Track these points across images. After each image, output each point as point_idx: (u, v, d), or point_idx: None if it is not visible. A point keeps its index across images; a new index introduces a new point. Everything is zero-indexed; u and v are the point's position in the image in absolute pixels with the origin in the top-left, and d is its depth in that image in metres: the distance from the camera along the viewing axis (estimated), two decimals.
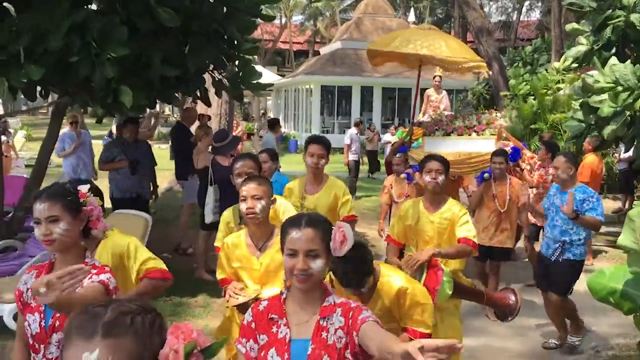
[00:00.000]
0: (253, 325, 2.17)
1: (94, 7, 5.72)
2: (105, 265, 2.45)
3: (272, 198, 3.17)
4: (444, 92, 9.93)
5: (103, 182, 12.36)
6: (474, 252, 4.00)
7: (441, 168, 3.99)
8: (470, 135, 7.03)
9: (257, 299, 2.89)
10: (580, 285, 7.02)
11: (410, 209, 4.18)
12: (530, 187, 7.08)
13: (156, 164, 7.75)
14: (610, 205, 11.57)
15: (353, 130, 14.23)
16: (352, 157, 13.66)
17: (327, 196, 4.32)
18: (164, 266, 3.08)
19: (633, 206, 10.72)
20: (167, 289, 6.25)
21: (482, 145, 6.87)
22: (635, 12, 8.45)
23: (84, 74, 5.05)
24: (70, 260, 2.35)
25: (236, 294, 3.13)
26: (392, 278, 3.00)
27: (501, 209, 5.99)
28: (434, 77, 9.75)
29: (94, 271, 2.33)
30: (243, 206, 3.08)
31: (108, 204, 5.83)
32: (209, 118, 9.55)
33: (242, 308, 3.03)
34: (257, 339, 2.14)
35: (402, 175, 6.56)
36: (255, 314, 2.18)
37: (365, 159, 15.91)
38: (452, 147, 6.96)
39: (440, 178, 3.98)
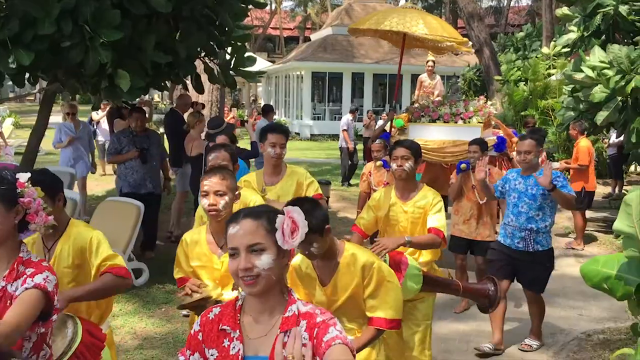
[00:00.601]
0: (200, 336, 1.83)
1: None
2: (42, 260, 2.30)
3: (237, 193, 2.99)
4: (438, 77, 9.72)
5: (108, 179, 12.30)
6: (443, 244, 3.82)
7: (407, 154, 3.79)
8: (456, 122, 6.80)
9: (217, 302, 2.66)
10: (570, 269, 7.12)
11: (382, 198, 3.99)
12: None
13: (167, 155, 7.62)
14: (600, 190, 11.64)
15: (349, 117, 14.14)
16: (346, 144, 13.57)
17: (290, 185, 4.13)
18: (125, 265, 2.93)
19: (625, 191, 10.83)
20: (159, 277, 6.28)
21: (468, 133, 6.56)
22: (623, 4, 8.47)
23: (76, 59, 5.00)
24: (3, 256, 2.22)
25: (193, 291, 2.86)
26: (357, 253, 2.79)
27: (481, 200, 5.70)
28: (427, 62, 9.57)
29: (29, 271, 2.18)
30: (204, 202, 2.88)
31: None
32: (203, 106, 9.51)
33: (199, 309, 2.77)
34: (204, 353, 1.81)
35: (379, 163, 6.33)
36: (204, 323, 1.85)
37: (360, 146, 15.88)
38: (437, 135, 6.77)
39: (407, 165, 3.78)
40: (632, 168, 12.94)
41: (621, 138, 10.15)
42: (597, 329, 5.42)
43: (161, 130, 19.52)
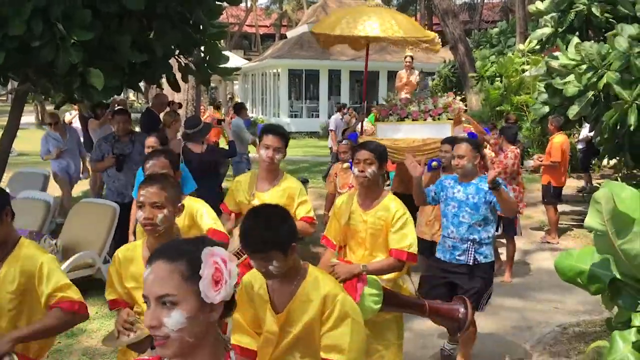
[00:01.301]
0: None
1: None
2: None
3: (179, 205, 2.63)
4: (416, 72, 9.57)
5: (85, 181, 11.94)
6: (409, 264, 3.49)
7: (371, 158, 3.43)
8: (425, 120, 6.56)
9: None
10: (546, 263, 7.22)
11: (344, 205, 3.67)
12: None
13: None
14: (574, 184, 11.83)
15: (337, 115, 13.98)
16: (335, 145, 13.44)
17: (281, 195, 3.78)
18: (80, 297, 2.62)
19: (597, 184, 10.98)
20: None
21: (437, 130, 6.37)
22: (594, 3, 8.60)
23: (46, 59, 4.92)
24: None
25: (126, 329, 2.54)
26: (321, 279, 2.36)
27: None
28: (405, 58, 9.42)
29: None
30: (139, 215, 2.53)
31: None
32: (180, 105, 9.39)
33: (136, 347, 2.53)
34: None
35: (346, 165, 5.95)
36: None
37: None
38: (406, 133, 6.53)
39: (370, 170, 3.42)
40: (604, 162, 13.13)
41: (591, 133, 10.33)
42: (572, 322, 5.50)
43: (137, 129, 19.32)
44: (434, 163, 5.52)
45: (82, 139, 9.03)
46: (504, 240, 6.95)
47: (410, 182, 7.06)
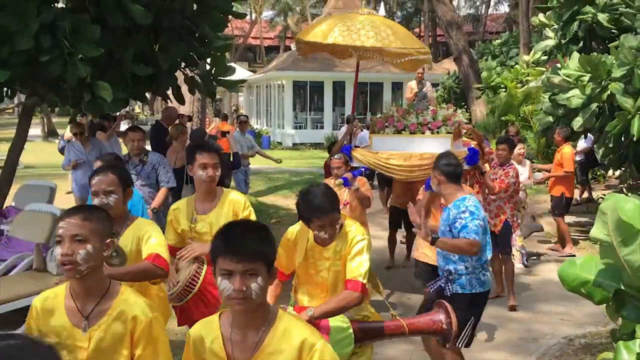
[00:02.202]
0: None
1: (61, 4, 5.64)
2: None
3: (108, 241, 2.21)
4: (428, 84, 9.27)
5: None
6: (365, 298, 3.12)
7: (336, 218, 3.09)
8: (424, 133, 6.16)
9: None
10: (552, 274, 7.18)
11: (298, 237, 3.22)
12: (492, 195, 6.26)
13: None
14: (575, 195, 11.80)
15: (344, 128, 13.95)
16: None
17: (226, 213, 3.50)
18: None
19: (602, 196, 10.94)
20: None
21: (436, 145, 5.93)
22: (603, 12, 8.63)
23: (54, 73, 4.98)
24: None
25: None
26: (294, 326, 1.96)
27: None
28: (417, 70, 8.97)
29: None
30: (57, 251, 2.13)
31: None
32: (190, 118, 9.39)
33: None
34: None
35: (339, 181, 5.58)
36: None
37: None
38: (403, 147, 6.10)
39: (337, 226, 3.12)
40: (609, 172, 13.12)
41: (589, 144, 10.34)
42: (578, 334, 5.48)
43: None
44: None
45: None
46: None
47: (406, 197, 6.76)
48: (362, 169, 6.08)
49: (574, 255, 7.99)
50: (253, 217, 3.52)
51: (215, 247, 1.90)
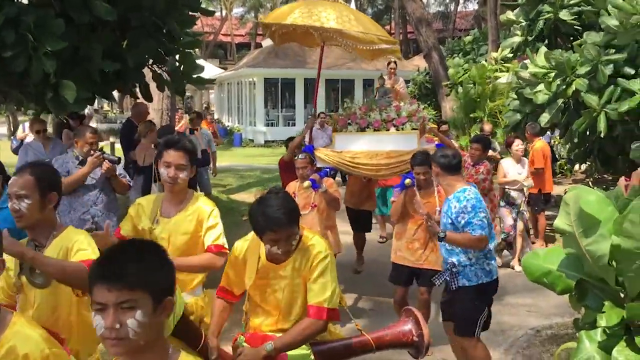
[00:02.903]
0: None
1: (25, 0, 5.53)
2: None
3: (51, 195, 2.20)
4: (401, 80, 8.78)
5: None
6: (330, 322, 2.85)
7: (291, 233, 2.73)
8: (388, 130, 5.91)
9: None
10: (519, 267, 7.32)
11: (248, 253, 2.89)
12: None
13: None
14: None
15: (316, 126, 13.82)
16: None
17: (189, 221, 3.18)
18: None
19: (567, 190, 11.08)
20: None
21: (403, 142, 5.76)
22: (563, 9, 8.80)
23: (19, 69, 4.89)
24: None
25: None
26: None
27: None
28: (389, 64, 8.67)
29: None
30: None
31: None
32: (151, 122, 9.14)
33: None
34: None
35: (307, 183, 5.33)
36: None
37: None
38: (368, 145, 5.85)
39: (294, 242, 2.76)
40: (576, 167, 13.39)
41: (546, 140, 10.52)
42: (545, 325, 5.59)
43: (111, 139, 19.14)
44: (408, 180, 5.04)
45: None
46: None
47: (361, 196, 6.86)
48: (327, 169, 5.84)
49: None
50: (218, 231, 3.15)
51: (90, 274, 1.57)
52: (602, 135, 7.25)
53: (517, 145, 7.51)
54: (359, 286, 6.56)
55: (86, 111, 10.57)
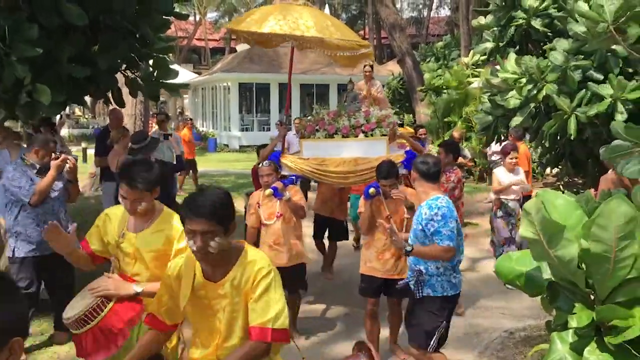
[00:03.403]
0: None
1: None
2: None
3: None
4: (378, 83, 8.32)
5: None
6: (275, 346, 2.49)
7: (211, 228, 2.33)
8: (357, 136, 5.75)
9: None
10: (492, 269, 7.39)
11: (183, 272, 2.54)
12: None
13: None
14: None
15: (292, 132, 13.61)
16: None
17: (157, 237, 3.03)
18: None
19: (536, 194, 11.28)
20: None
21: (372, 148, 5.62)
22: (535, 16, 8.94)
23: None
24: None
25: None
26: None
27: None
28: (364, 67, 8.22)
29: None
30: None
31: None
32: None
33: None
34: None
35: (268, 191, 5.11)
36: None
37: None
38: (337, 152, 5.69)
39: (214, 244, 2.34)
40: (547, 170, 13.60)
41: (499, 146, 10.71)
42: (519, 327, 5.65)
43: (83, 145, 18.85)
44: (372, 190, 4.78)
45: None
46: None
47: (333, 203, 6.68)
48: (294, 177, 5.63)
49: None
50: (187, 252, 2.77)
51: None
52: (572, 137, 7.38)
53: (512, 158, 7.44)
54: (330, 295, 6.54)
55: (57, 117, 10.43)
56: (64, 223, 4.91)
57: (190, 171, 13.05)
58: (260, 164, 5.32)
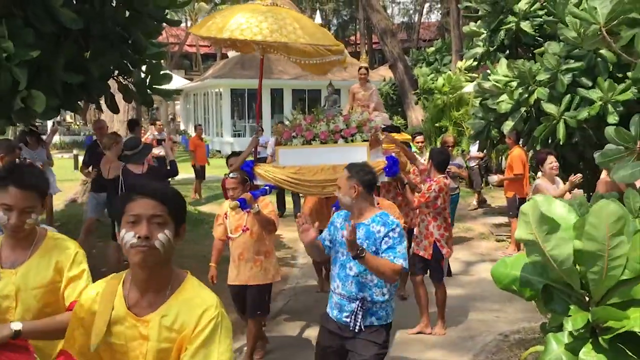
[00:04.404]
0: None
1: None
2: None
3: None
4: (373, 88, 7.70)
5: None
6: None
7: (161, 213, 1.89)
8: (336, 142, 5.43)
9: None
10: (487, 273, 7.41)
11: (100, 303, 1.96)
12: (412, 209, 5.92)
13: None
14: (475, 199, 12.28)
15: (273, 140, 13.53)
16: None
17: (44, 269, 2.41)
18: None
19: (528, 199, 11.38)
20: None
21: (351, 155, 4.99)
22: (525, 20, 9.02)
23: None
24: None
25: None
26: None
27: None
28: (359, 69, 7.68)
29: None
30: None
31: None
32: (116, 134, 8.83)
33: None
34: None
35: (233, 203, 4.61)
36: None
37: None
38: (314, 159, 5.34)
39: (162, 236, 1.88)
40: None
41: (479, 152, 10.84)
42: (513, 330, 5.68)
43: (75, 152, 18.73)
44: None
45: None
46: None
47: (321, 215, 5.74)
48: (267, 187, 5.18)
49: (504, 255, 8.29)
50: (84, 281, 2.42)
51: None
52: (561, 142, 7.44)
53: (551, 162, 6.28)
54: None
55: (49, 123, 10.39)
56: None
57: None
58: (227, 175, 4.92)
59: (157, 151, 10.06)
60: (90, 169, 7.48)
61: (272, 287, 5.02)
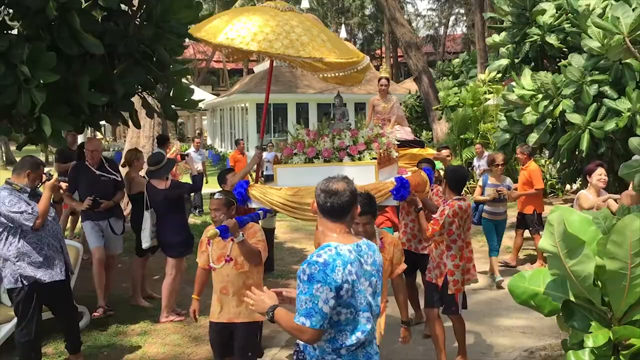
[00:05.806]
0: None
1: (15, 32, 5.57)
2: None
3: None
4: (394, 100, 7.17)
5: None
6: None
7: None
8: (341, 160, 4.84)
9: None
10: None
11: None
12: (426, 239, 5.47)
13: None
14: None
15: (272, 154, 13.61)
16: None
17: None
18: None
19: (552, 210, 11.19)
20: (101, 319, 6.06)
21: (356, 175, 4.18)
22: (550, 32, 8.91)
23: (7, 101, 4.90)
24: None
25: None
26: None
27: None
28: (380, 80, 7.12)
29: None
30: None
31: None
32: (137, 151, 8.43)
33: None
34: None
35: (211, 232, 3.91)
36: None
37: None
38: (316, 180, 3.98)
39: None
40: (567, 187, 13.46)
41: (485, 161, 10.63)
42: (539, 346, 5.55)
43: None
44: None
45: None
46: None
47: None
48: (260, 212, 4.67)
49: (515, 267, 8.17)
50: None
51: None
52: (584, 154, 7.32)
53: (600, 174, 5.82)
54: None
55: (80, 138, 10.57)
56: (63, 244, 4.97)
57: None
58: (214, 195, 4.29)
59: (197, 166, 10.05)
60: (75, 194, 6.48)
61: (262, 325, 4.50)
